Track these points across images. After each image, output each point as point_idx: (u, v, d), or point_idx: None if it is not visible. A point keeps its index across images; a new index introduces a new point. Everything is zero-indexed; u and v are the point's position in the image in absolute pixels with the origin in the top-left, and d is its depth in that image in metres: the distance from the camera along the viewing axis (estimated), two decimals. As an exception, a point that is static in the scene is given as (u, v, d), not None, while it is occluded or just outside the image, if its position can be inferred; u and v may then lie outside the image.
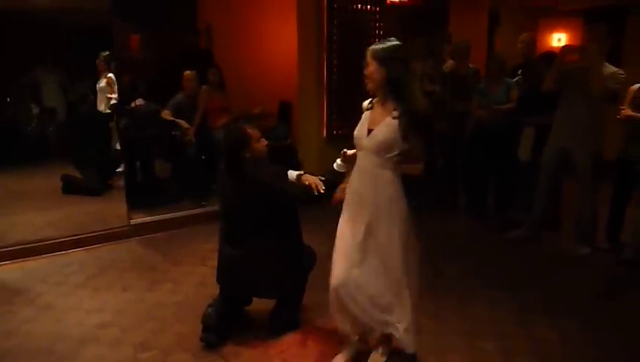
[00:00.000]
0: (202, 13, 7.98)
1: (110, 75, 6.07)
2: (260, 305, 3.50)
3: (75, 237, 4.87)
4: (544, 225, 5.04)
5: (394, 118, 2.68)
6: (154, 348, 3.21)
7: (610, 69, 4.40)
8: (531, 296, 3.89)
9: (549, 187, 4.84)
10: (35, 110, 6.48)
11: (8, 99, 6.32)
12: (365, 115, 2.89)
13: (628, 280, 4.26)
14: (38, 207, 5.66)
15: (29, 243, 4.69)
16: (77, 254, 4.74)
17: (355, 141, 2.85)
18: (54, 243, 4.76)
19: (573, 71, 4.52)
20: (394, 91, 2.71)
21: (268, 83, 7.22)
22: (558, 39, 9.75)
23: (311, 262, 3.44)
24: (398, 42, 2.76)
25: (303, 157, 6.60)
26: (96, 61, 6.09)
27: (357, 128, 2.86)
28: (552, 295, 3.94)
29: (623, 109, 4.38)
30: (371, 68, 2.79)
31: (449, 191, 6.04)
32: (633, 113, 4.33)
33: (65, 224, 5.18)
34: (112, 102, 6.04)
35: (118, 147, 6.03)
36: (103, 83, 6.16)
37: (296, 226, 3.39)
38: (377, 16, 6.50)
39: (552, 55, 5.42)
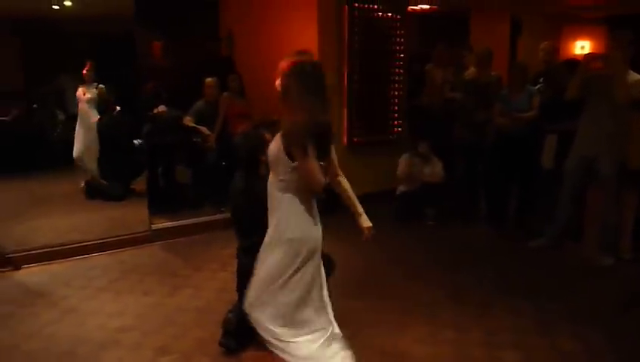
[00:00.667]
0: (224, 20, 8.04)
1: (101, 85, 6.14)
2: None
3: (98, 242, 4.94)
4: (567, 235, 4.98)
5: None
6: (174, 353, 3.24)
7: (634, 76, 4.34)
8: (554, 306, 3.84)
9: (572, 196, 4.78)
10: (61, 116, 6.60)
11: (35, 106, 6.45)
12: None
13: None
14: (63, 211, 5.76)
15: (53, 247, 4.77)
16: (100, 258, 4.80)
17: None
18: (78, 246, 4.84)
19: (597, 79, 4.47)
20: (285, 101, 2.59)
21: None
22: (582, 47, 9.67)
23: (328, 268, 3.43)
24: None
25: (323, 165, 6.62)
26: (84, 71, 6.12)
27: None
28: (575, 305, 3.89)
29: None
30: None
31: (469, 199, 6.00)
32: None
33: (88, 228, 5.26)
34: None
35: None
36: (92, 93, 6.17)
37: None
38: (399, 24, 6.49)
39: (575, 62, 5.37)
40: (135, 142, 6.13)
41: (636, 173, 4.56)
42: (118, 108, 6.17)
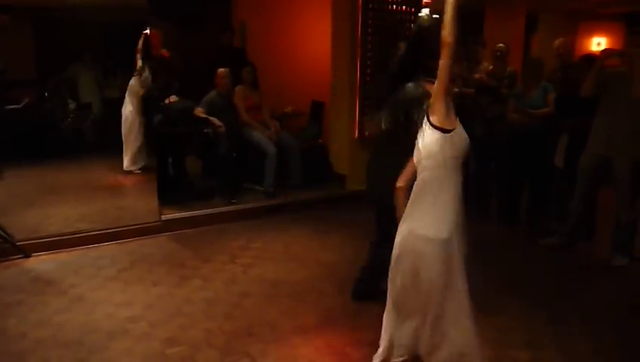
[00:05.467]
0: (237, 11, 8.03)
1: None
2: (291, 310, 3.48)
3: (107, 231, 4.94)
4: (579, 233, 4.91)
5: None
6: (182, 344, 3.23)
7: (652, 74, 4.26)
8: (565, 306, 3.79)
9: (585, 194, 4.71)
10: (72, 105, 6.62)
11: (46, 94, 6.46)
12: None
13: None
14: (73, 201, 5.76)
15: (63, 236, 4.78)
16: (109, 248, 4.81)
17: None
18: (87, 236, 4.84)
19: (614, 76, 4.40)
20: None
21: (300, 82, 7.23)
22: (598, 43, 9.55)
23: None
24: None
25: (334, 158, 6.60)
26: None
27: None
28: (587, 305, 3.84)
29: None
30: None
31: (481, 196, 5.94)
32: None
33: (98, 218, 5.26)
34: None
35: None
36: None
37: None
38: (413, 17, 6.41)
39: (592, 58, 5.28)
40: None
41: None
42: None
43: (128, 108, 6.24)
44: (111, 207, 5.61)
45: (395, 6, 6.28)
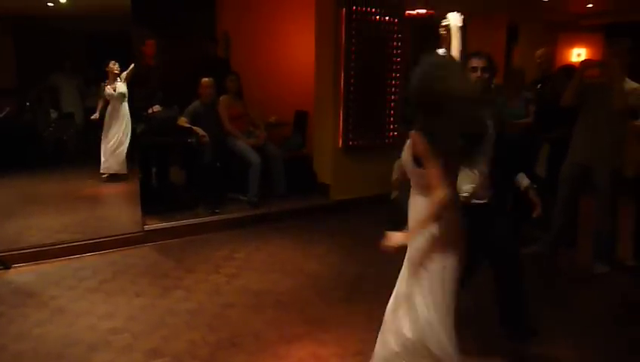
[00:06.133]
0: (221, 21, 8.03)
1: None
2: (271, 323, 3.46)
3: (89, 242, 4.88)
4: (561, 242, 4.96)
5: None
6: (165, 355, 3.20)
7: (631, 84, 4.33)
8: (547, 314, 3.82)
9: (566, 203, 4.77)
10: (53, 115, 6.55)
11: (27, 104, 6.39)
12: None
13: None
14: (54, 211, 5.70)
15: (44, 247, 4.71)
16: (91, 259, 4.75)
17: None
18: (69, 247, 4.78)
19: (594, 86, 4.47)
20: None
21: (284, 92, 7.25)
22: (578, 54, 9.71)
23: None
24: None
25: (318, 167, 6.60)
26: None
27: None
28: (569, 313, 3.87)
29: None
30: None
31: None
32: None
33: (80, 228, 5.20)
34: None
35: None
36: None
37: None
38: (396, 28, 6.48)
39: (570, 68, 5.36)
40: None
41: (632, 181, 4.55)
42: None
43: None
44: (93, 218, 5.56)
45: (378, 17, 6.33)
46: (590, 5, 7.71)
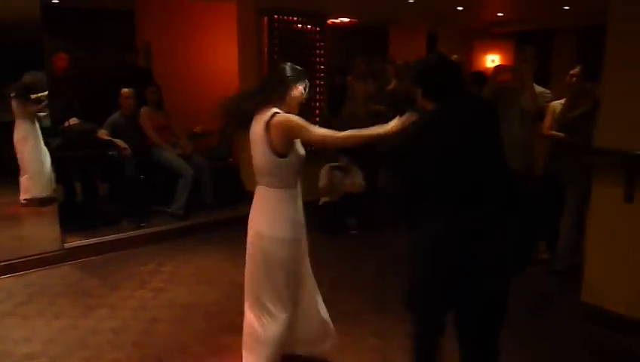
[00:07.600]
0: (141, 31, 7.84)
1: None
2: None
3: (3, 263, 4.62)
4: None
5: None
6: (87, 377, 3.07)
7: (538, 88, 4.61)
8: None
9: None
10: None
11: None
12: None
13: (559, 290, 4.41)
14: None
15: (-49, 271, 4.42)
16: (5, 281, 4.49)
17: None
18: (-20, 270, 4.51)
19: (506, 90, 4.70)
20: None
21: (209, 102, 7.10)
22: (492, 60, 10.17)
23: None
24: None
25: (246, 177, 6.56)
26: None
27: None
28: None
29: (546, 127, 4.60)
30: None
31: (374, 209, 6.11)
32: (555, 133, 4.53)
33: (-8, 249, 4.91)
34: None
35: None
36: None
37: None
38: (318, 36, 6.56)
39: (480, 74, 5.62)
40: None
41: (541, 178, 4.80)
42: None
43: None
44: (7, 238, 5.25)
45: (300, 25, 6.39)
46: (500, 14, 8.10)
